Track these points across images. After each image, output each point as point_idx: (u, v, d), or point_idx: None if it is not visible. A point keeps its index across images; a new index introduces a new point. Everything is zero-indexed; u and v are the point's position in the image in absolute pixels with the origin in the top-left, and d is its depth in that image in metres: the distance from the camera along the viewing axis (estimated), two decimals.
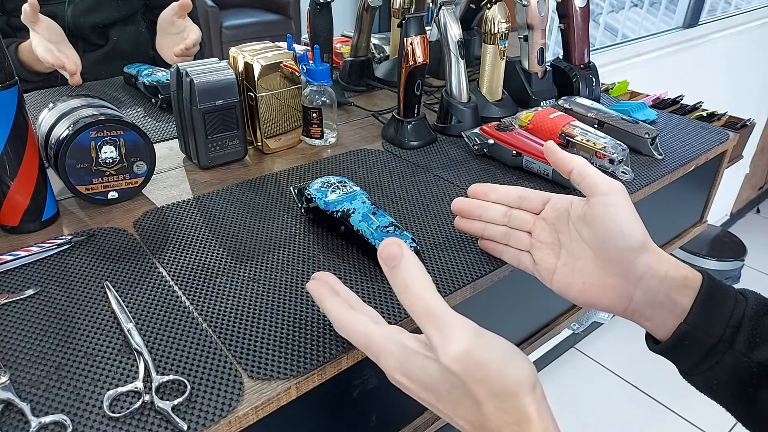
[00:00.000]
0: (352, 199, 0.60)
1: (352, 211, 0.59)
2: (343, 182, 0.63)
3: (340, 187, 0.62)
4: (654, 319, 0.46)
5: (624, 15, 2.06)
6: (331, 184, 0.63)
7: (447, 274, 0.57)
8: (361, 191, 0.62)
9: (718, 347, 0.43)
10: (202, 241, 0.62)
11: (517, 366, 0.37)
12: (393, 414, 0.59)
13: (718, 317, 0.43)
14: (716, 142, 0.88)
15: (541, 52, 0.95)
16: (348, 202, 0.59)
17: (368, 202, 0.60)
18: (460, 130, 0.86)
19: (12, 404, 0.41)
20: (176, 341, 0.48)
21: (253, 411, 0.42)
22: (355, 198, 0.60)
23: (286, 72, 0.78)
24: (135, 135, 0.66)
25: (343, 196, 0.60)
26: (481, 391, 0.36)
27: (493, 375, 0.36)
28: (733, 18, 2.41)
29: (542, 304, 0.74)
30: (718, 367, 0.43)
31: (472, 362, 0.36)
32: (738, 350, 0.42)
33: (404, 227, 0.64)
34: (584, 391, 2.08)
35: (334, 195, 0.61)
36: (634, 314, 0.47)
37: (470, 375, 0.36)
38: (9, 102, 0.56)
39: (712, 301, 0.44)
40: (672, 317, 0.45)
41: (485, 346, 0.37)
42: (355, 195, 0.61)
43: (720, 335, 0.43)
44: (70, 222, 0.65)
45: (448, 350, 0.36)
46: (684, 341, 0.44)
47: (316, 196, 0.61)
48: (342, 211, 0.59)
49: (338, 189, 0.62)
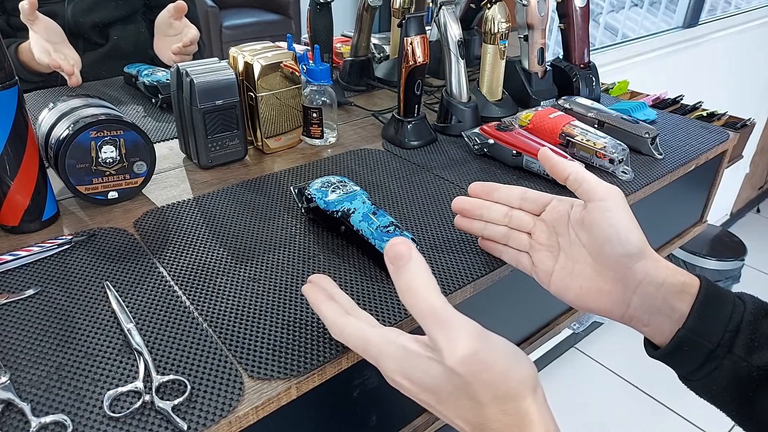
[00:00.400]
0: (352, 199, 0.60)
1: (352, 210, 0.58)
2: (343, 182, 0.63)
3: (340, 187, 0.62)
4: (652, 325, 0.46)
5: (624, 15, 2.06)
6: (331, 184, 0.63)
7: (447, 274, 0.57)
8: (361, 191, 0.62)
9: (716, 352, 0.43)
10: (202, 241, 0.62)
11: (521, 368, 0.37)
12: (393, 414, 0.59)
13: (716, 322, 0.43)
14: (716, 142, 0.88)
15: (541, 52, 0.95)
16: (348, 202, 0.59)
17: (368, 202, 0.60)
18: (460, 130, 0.86)
19: (12, 404, 0.41)
20: (176, 341, 0.48)
21: (253, 411, 0.43)
22: (356, 198, 0.60)
23: (286, 72, 0.78)
24: (135, 135, 0.66)
25: (344, 196, 0.60)
26: (485, 393, 0.36)
27: (498, 377, 0.36)
28: (733, 18, 2.41)
29: (542, 304, 0.74)
30: (717, 372, 0.43)
31: (479, 364, 0.36)
32: (737, 355, 0.42)
33: (404, 227, 0.64)
34: (584, 391, 2.08)
35: (335, 195, 0.60)
36: (632, 320, 0.47)
37: (476, 377, 0.36)
38: (9, 102, 0.56)
39: (709, 306, 0.44)
40: (670, 323, 0.45)
41: (491, 348, 0.37)
42: (356, 195, 0.61)
43: (718, 340, 0.43)
44: (70, 222, 0.65)
45: (454, 352, 0.36)
46: (682, 347, 0.44)
47: (316, 196, 0.61)
48: (342, 210, 0.59)
49: (338, 189, 0.62)
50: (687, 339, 0.44)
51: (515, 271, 0.61)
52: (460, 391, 0.37)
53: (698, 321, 0.43)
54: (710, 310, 0.43)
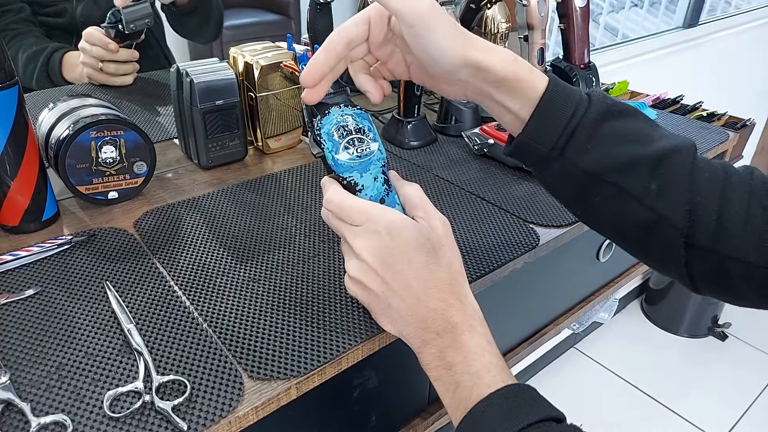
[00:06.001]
0: (365, 169, 0.50)
1: (359, 188, 0.50)
2: (361, 133, 0.51)
3: (357, 142, 0.51)
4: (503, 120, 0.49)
5: (624, 15, 2.06)
6: (348, 133, 0.51)
7: None
8: (378, 155, 0.51)
9: (550, 154, 0.46)
10: (202, 241, 0.62)
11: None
12: (393, 414, 0.59)
13: (553, 127, 0.46)
14: (716, 142, 0.88)
15: (541, 52, 0.95)
16: (359, 173, 0.50)
17: (381, 179, 0.50)
18: (460, 130, 0.86)
19: (12, 404, 0.41)
20: (176, 341, 0.48)
21: (253, 411, 0.43)
22: (369, 167, 0.50)
23: (286, 72, 0.78)
24: (135, 135, 0.66)
25: (356, 160, 0.50)
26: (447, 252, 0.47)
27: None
28: (733, 18, 2.41)
29: (542, 304, 0.74)
30: (549, 171, 0.48)
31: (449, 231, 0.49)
32: (567, 158, 0.46)
33: None
34: (584, 391, 2.08)
35: (346, 154, 0.50)
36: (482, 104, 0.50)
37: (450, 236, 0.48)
38: (9, 102, 0.56)
39: (550, 109, 0.46)
40: (517, 122, 0.48)
41: None
42: (371, 162, 0.50)
43: (552, 143, 0.46)
44: (70, 222, 0.65)
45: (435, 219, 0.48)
46: (521, 150, 0.48)
47: (326, 145, 0.50)
48: (349, 181, 0.50)
49: (354, 144, 0.50)
50: (524, 143, 0.47)
51: (515, 271, 0.61)
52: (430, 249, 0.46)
53: (536, 127, 0.46)
54: (549, 113, 0.46)
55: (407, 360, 0.56)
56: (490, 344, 0.45)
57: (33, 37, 0.99)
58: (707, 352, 2.26)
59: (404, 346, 0.47)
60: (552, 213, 0.68)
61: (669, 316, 2.34)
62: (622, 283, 0.87)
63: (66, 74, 1.00)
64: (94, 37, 0.95)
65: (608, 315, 1.82)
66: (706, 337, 2.33)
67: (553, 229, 0.65)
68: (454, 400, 0.43)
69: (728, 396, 2.04)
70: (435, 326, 0.45)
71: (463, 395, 0.42)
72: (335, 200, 0.48)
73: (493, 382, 0.41)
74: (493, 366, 0.43)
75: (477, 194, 0.72)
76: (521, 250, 0.61)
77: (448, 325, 0.45)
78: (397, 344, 0.51)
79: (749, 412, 1.99)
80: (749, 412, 1.99)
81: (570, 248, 0.69)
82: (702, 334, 2.32)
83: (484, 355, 0.43)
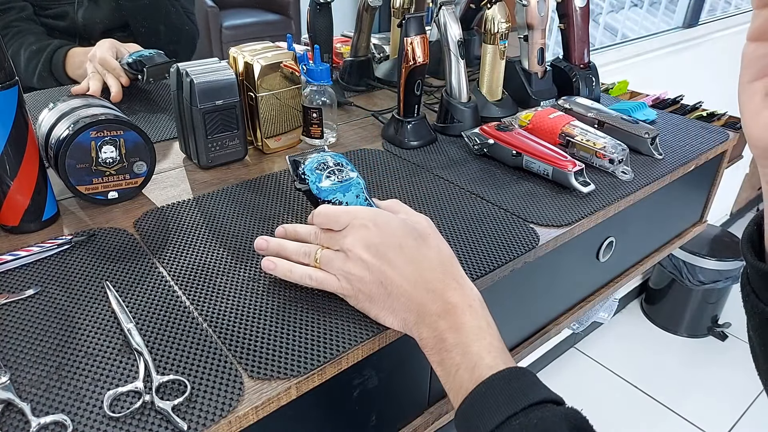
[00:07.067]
0: (346, 190, 0.57)
1: (344, 205, 0.57)
2: (339, 166, 0.59)
3: (336, 172, 0.58)
4: None
5: (624, 15, 2.06)
6: (327, 167, 0.58)
7: None
8: (357, 180, 0.59)
9: None
10: (202, 241, 0.62)
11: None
12: (393, 414, 0.59)
13: None
14: (716, 142, 0.88)
15: (541, 52, 0.95)
16: (341, 193, 0.57)
17: (363, 195, 0.58)
18: (460, 130, 0.86)
19: (12, 404, 0.41)
20: (176, 341, 0.48)
21: (253, 411, 0.43)
22: (350, 188, 0.58)
23: (286, 72, 0.78)
24: (135, 135, 0.66)
25: (338, 185, 0.57)
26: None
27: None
28: (733, 18, 2.41)
29: (542, 304, 0.74)
30: None
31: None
32: None
33: None
34: (584, 391, 2.08)
35: (328, 182, 0.57)
36: None
37: (434, 228, 0.52)
38: (9, 102, 0.56)
39: None
40: None
41: None
42: (350, 185, 0.58)
43: None
44: (70, 222, 0.65)
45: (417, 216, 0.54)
46: None
47: (309, 179, 0.58)
48: (333, 202, 0.57)
49: (334, 174, 0.58)
50: None
51: (515, 271, 0.61)
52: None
53: None
54: None
55: (407, 360, 0.56)
56: (489, 326, 0.45)
57: (35, 34, 0.99)
58: (707, 352, 2.26)
59: (404, 346, 0.47)
60: (552, 213, 0.68)
61: (669, 316, 2.34)
62: (622, 283, 0.87)
63: (70, 71, 0.99)
64: (109, 65, 0.94)
65: (608, 315, 1.82)
66: (706, 337, 2.33)
67: (553, 228, 0.65)
68: (456, 383, 0.43)
69: (728, 396, 2.04)
70: (435, 308, 0.46)
71: (464, 377, 0.43)
72: (322, 211, 0.52)
73: (494, 364, 0.42)
74: (493, 348, 0.43)
75: (477, 194, 0.72)
76: (521, 250, 0.61)
77: (448, 306, 0.45)
78: (397, 344, 0.51)
79: (749, 412, 1.99)
80: (749, 412, 1.99)
81: (570, 248, 0.69)
82: (702, 334, 2.33)
83: (484, 337, 0.44)
